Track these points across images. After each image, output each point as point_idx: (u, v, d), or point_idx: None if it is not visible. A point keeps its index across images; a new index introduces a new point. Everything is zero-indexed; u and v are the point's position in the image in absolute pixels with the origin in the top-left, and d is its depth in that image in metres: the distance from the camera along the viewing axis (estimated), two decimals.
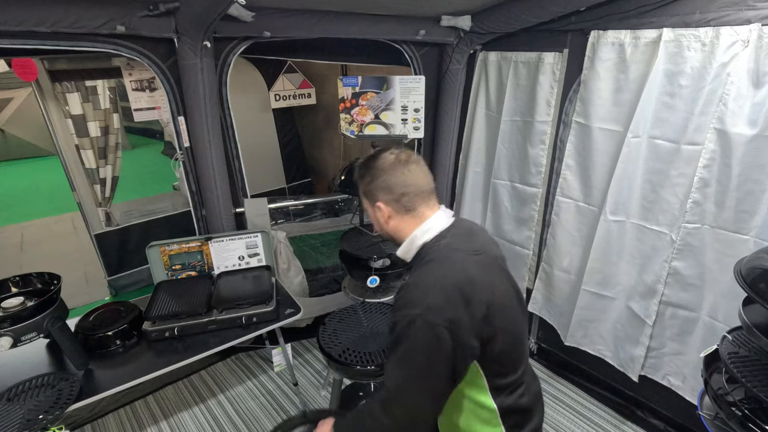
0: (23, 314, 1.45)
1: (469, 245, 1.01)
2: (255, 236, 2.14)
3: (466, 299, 0.89)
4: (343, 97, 2.31)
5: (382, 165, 1.05)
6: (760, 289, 1.13)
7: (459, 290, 0.89)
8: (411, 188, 1.03)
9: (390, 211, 1.05)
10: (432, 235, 1.03)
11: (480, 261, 0.99)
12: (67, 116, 2.90)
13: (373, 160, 1.08)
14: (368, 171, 1.07)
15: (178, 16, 1.75)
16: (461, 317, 0.88)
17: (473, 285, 0.91)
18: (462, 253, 0.98)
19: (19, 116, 7.32)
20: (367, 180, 1.08)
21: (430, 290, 0.90)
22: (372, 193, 1.07)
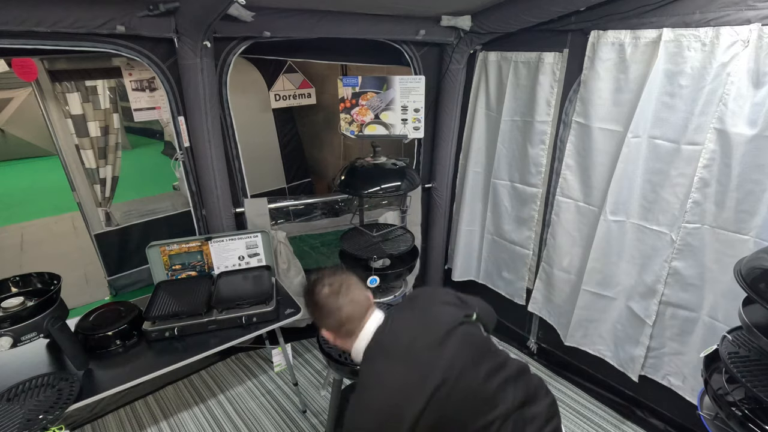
0: (23, 314, 1.45)
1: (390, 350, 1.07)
2: (255, 236, 2.14)
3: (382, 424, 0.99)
4: (343, 97, 2.31)
5: (318, 299, 1.17)
6: (760, 289, 1.13)
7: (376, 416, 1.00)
8: (347, 317, 1.15)
9: (334, 336, 1.18)
10: (365, 343, 1.13)
11: (403, 360, 1.04)
12: (67, 116, 2.90)
13: (310, 294, 1.20)
14: (310, 305, 1.21)
15: (178, 16, 1.75)
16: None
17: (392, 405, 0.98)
18: (385, 360, 1.06)
19: (19, 116, 7.31)
20: (311, 312, 1.22)
21: (356, 414, 1.04)
22: (319, 322, 1.20)
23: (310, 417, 2.28)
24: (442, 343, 1.06)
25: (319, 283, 1.19)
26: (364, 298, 1.18)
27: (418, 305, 1.21)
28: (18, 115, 7.30)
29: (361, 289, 1.20)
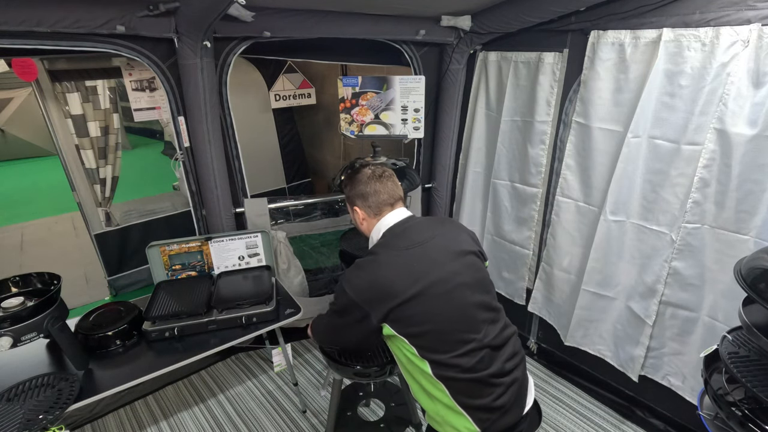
0: (23, 314, 1.44)
1: (402, 241, 1.24)
2: (255, 236, 2.14)
3: (372, 285, 1.16)
4: (343, 97, 2.31)
5: (360, 178, 1.36)
6: (760, 289, 1.13)
7: (369, 277, 1.18)
8: (380, 197, 1.32)
9: (363, 214, 1.36)
10: (380, 235, 1.31)
11: (408, 254, 1.20)
12: (67, 116, 2.90)
13: (354, 173, 1.38)
14: (349, 182, 1.39)
15: (178, 16, 1.75)
16: (364, 293, 1.16)
17: (386, 279, 1.16)
18: (390, 251, 1.22)
19: (19, 116, 7.32)
20: (348, 189, 1.40)
21: (353, 270, 1.22)
22: (351, 199, 1.38)
23: (310, 417, 2.28)
24: (453, 257, 1.23)
25: (364, 167, 1.38)
26: (399, 192, 1.36)
27: (446, 222, 1.41)
28: (18, 115, 7.31)
29: (398, 185, 1.37)
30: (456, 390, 1.15)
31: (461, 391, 1.16)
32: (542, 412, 2.24)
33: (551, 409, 2.29)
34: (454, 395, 1.16)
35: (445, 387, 1.16)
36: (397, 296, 1.13)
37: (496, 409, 1.17)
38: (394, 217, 1.32)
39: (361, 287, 1.18)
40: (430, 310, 1.15)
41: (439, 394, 1.18)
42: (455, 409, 1.16)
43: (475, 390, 1.16)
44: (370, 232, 1.36)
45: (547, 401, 2.35)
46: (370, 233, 1.36)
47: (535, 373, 2.56)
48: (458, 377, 1.15)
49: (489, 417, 1.16)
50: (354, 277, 1.20)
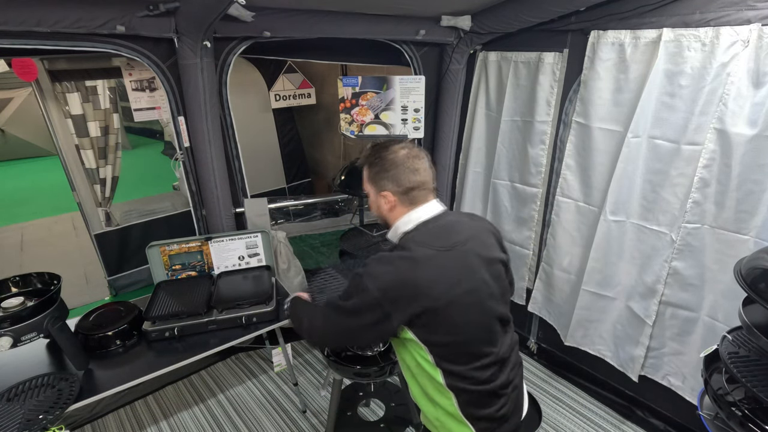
0: (23, 314, 1.44)
1: (438, 241, 1.09)
2: (255, 236, 2.14)
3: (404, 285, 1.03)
4: (343, 97, 2.31)
5: (394, 158, 1.14)
6: (760, 289, 1.13)
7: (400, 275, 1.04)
8: (418, 184, 1.14)
9: (395, 201, 1.16)
10: (410, 227, 1.14)
11: (442, 256, 1.07)
12: (67, 116, 2.90)
13: (384, 150, 1.16)
14: (379, 160, 1.15)
15: (178, 16, 1.75)
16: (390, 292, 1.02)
17: (419, 279, 1.03)
18: (426, 248, 1.07)
19: (19, 116, 7.32)
20: (377, 169, 1.16)
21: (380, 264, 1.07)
22: (379, 182, 1.16)
23: (310, 417, 2.28)
24: (484, 264, 1.13)
25: (394, 143, 1.17)
26: (433, 178, 1.19)
27: (475, 219, 1.25)
28: (18, 115, 7.31)
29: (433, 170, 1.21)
30: (465, 401, 1.10)
31: (470, 402, 1.10)
32: (542, 412, 2.24)
33: (551, 409, 2.29)
34: (462, 406, 1.10)
35: (454, 396, 1.10)
36: (430, 300, 1.02)
37: (499, 419, 1.14)
38: (430, 210, 1.16)
39: (390, 284, 1.03)
40: (458, 319, 1.05)
41: (444, 402, 1.12)
42: (458, 418, 1.12)
43: (483, 401, 1.12)
44: (396, 221, 1.17)
45: (547, 401, 2.35)
46: (395, 222, 1.18)
47: (535, 373, 2.56)
48: (470, 389, 1.09)
49: (490, 426, 1.13)
50: (382, 273, 1.04)
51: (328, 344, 1.41)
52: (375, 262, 1.07)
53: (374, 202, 1.21)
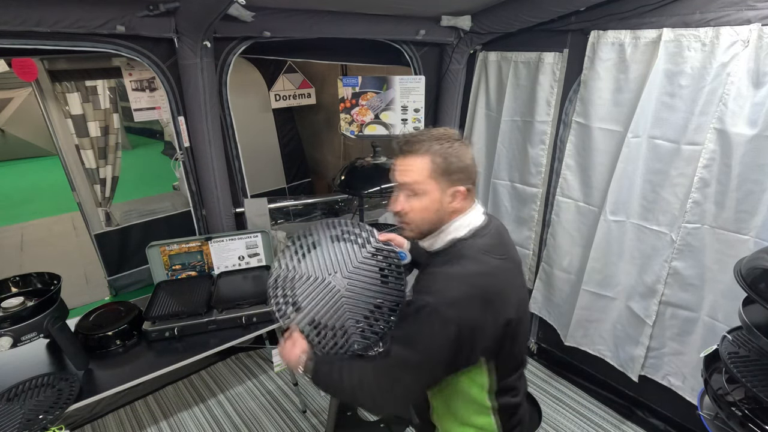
0: (23, 314, 1.44)
1: (499, 249, 0.98)
2: (255, 236, 2.14)
3: (488, 305, 0.88)
4: (343, 97, 2.31)
5: (461, 145, 0.95)
6: (760, 289, 1.13)
7: (483, 294, 0.88)
8: (474, 173, 0.97)
9: (463, 199, 0.96)
10: (465, 232, 0.97)
11: (507, 268, 0.98)
12: (67, 116, 2.90)
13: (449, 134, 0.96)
14: (451, 149, 0.93)
15: (178, 16, 1.75)
16: (477, 319, 0.87)
17: (499, 295, 0.91)
18: (494, 259, 0.94)
19: (19, 116, 7.32)
20: (453, 159, 0.93)
21: (452, 285, 0.88)
22: (453, 175, 0.93)
23: (310, 417, 2.28)
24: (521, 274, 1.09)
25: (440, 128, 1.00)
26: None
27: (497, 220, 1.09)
28: (18, 115, 7.31)
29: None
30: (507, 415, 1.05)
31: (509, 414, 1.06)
32: (542, 412, 2.24)
33: (551, 409, 2.29)
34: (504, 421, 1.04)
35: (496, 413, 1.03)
36: (508, 318, 0.91)
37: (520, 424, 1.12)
38: (480, 213, 1.00)
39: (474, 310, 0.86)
40: (523, 333, 0.99)
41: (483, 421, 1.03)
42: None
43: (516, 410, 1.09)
44: (446, 224, 0.97)
45: (547, 401, 2.35)
46: (444, 226, 0.97)
47: (535, 373, 2.56)
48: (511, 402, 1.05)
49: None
50: (461, 297, 0.86)
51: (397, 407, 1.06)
52: (444, 285, 0.88)
53: (427, 204, 0.94)
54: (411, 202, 0.96)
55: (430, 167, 0.93)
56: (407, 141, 0.96)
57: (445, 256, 0.97)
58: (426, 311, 0.86)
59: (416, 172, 0.93)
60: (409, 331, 0.89)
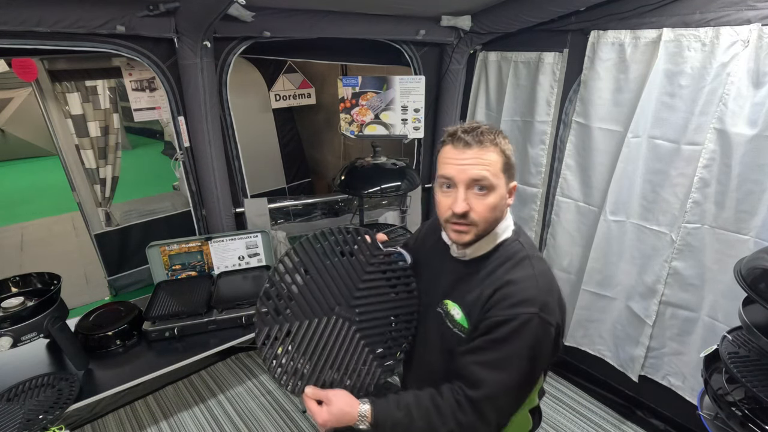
0: (23, 314, 1.44)
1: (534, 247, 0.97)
2: (255, 236, 2.14)
3: (561, 300, 0.90)
4: (343, 97, 2.31)
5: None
6: (760, 289, 1.13)
7: (558, 291, 0.90)
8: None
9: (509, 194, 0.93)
10: (511, 233, 0.95)
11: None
12: (67, 116, 2.90)
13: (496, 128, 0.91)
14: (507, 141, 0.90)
15: (178, 16, 1.75)
16: (562, 317, 0.88)
17: (558, 290, 0.92)
18: (542, 259, 0.94)
19: (19, 116, 7.31)
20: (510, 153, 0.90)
21: (542, 288, 0.86)
22: (511, 170, 0.90)
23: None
24: None
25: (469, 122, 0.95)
26: None
27: None
28: (18, 115, 7.30)
29: None
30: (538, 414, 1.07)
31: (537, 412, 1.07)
32: (542, 411, 2.24)
33: (551, 409, 2.29)
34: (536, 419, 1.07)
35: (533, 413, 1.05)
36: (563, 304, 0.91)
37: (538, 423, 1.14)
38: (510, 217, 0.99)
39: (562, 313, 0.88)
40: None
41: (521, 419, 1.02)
42: None
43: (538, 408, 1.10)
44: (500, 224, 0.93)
45: (547, 401, 2.35)
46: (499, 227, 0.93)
47: None
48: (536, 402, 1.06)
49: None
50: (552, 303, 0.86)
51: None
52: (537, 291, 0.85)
53: (497, 202, 0.88)
54: (482, 200, 0.86)
55: (502, 161, 0.88)
56: (478, 131, 0.87)
57: (497, 260, 0.92)
58: (533, 324, 0.82)
59: (493, 165, 0.86)
60: (508, 352, 0.83)
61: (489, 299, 0.87)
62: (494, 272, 0.91)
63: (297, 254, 0.93)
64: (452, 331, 0.95)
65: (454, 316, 0.95)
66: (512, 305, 0.84)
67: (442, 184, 0.89)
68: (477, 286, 0.92)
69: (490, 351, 0.85)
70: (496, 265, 0.92)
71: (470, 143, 0.85)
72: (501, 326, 0.83)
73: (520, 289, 0.86)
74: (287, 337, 0.90)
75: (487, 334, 0.86)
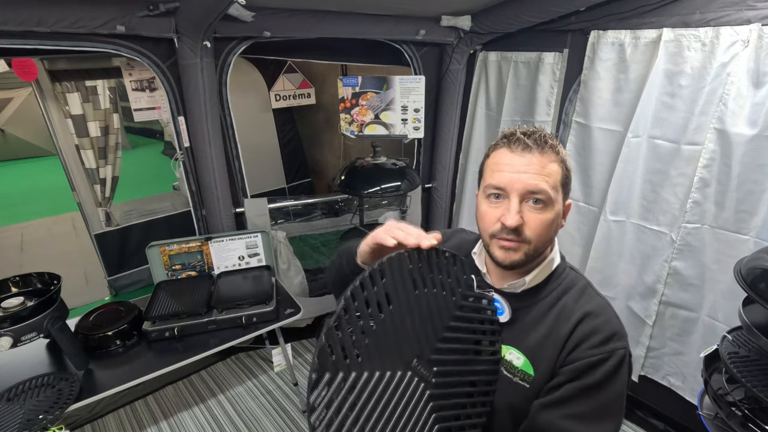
0: (23, 314, 1.45)
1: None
2: (255, 236, 2.14)
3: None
4: (343, 97, 2.31)
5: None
6: (760, 289, 1.13)
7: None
8: None
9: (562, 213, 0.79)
10: (559, 257, 0.83)
11: None
12: (67, 116, 2.90)
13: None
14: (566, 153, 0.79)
15: (178, 16, 1.75)
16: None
17: None
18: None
19: (19, 116, 7.31)
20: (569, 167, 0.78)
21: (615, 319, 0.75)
22: (567, 187, 0.78)
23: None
24: None
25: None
26: None
27: None
28: (18, 115, 7.30)
29: None
30: None
31: None
32: None
33: None
34: None
35: None
36: None
37: None
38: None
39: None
40: None
41: None
42: None
43: None
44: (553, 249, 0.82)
45: None
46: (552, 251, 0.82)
47: None
48: None
49: None
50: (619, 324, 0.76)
51: None
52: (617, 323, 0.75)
53: (553, 219, 0.75)
54: (538, 215, 0.73)
55: (562, 173, 0.76)
56: (540, 133, 0.77)
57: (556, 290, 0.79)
58: (626, 361, 0.72)
59: (552, 176, 0.74)
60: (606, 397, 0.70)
61: (570, 336, 0.74)
62: (558, 304, 0.77)
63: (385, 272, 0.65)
64: (512, 381, 0.77)
65: (513, 363, 0.78)
66: (603, 341, 0.72)
67: (489, 194, 0.77)
68: (540, 323, 0.77)
69: (584, 399, 0.70)
70: (556, 296, 0.79)
71: (530, 146, 0.75)
72: (595, 368, 0.70)
73: (604, 322, 0.74)
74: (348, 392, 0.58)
75: (576, 379, 0.71)
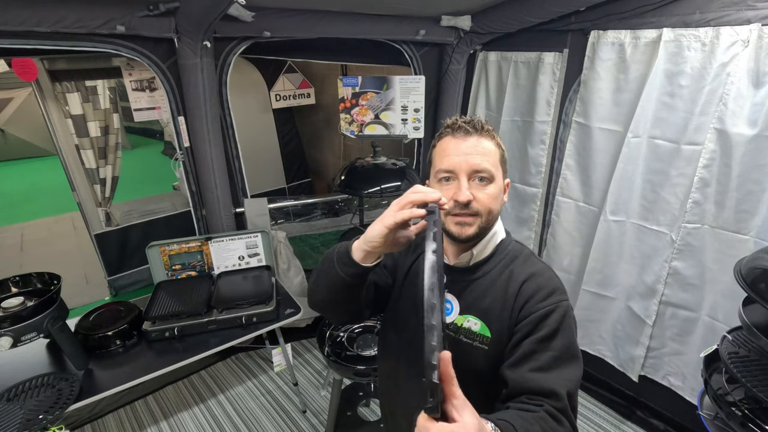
0: (23, 314, 1.45)
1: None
2: (255, 236, 2.14)
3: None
4: (343, 97, 2.31)
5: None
6: (760, 289, 1.13)
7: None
8: None
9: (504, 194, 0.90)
10: (504, 233, 0.93)
11: None
12: (67, 116, 2.90)
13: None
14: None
15: (178, 16, 1.75)
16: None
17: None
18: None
19: (19, 116, 7.31)
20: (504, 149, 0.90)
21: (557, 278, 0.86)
22: (505, 165, 0.89)
23: (310, 417, 2.28)
24: None
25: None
26: None
27: None
28: (18, 115, 7.30)
29: None
30: None
31: None
32: None
33: None
34: None
35: None
36: None
37: None
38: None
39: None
40: None
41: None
42: None
43: None
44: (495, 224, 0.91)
45: None
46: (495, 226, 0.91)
47: None
48: None
49: None
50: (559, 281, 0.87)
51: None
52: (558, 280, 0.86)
53: (497, 193, 0.85)
54: (484, 189, 0.83)
55: (499, 152, 0.87)
56: (476, 119, 0.87)
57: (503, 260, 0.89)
58: (570, 311, 0.82)
59: (492, 155, 0.84)
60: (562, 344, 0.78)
61: (517, 295, 0.83)
62: (506, 271, 0.87)
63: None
64: (473, 346, 0.85)
65: (471, 329, 0.86)
66: (547, 295, 0.82)
67: (441, 178, 0.85)
68: (490, 289, 0.87)
69: (544, 351, 0.77)
70: (504, 265, 0.88)
71: (470, 131, 0.85)
72: (545, 319, 0.79)
73: (547, 280, 0.84)
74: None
75: (531, 333, 0.79)
